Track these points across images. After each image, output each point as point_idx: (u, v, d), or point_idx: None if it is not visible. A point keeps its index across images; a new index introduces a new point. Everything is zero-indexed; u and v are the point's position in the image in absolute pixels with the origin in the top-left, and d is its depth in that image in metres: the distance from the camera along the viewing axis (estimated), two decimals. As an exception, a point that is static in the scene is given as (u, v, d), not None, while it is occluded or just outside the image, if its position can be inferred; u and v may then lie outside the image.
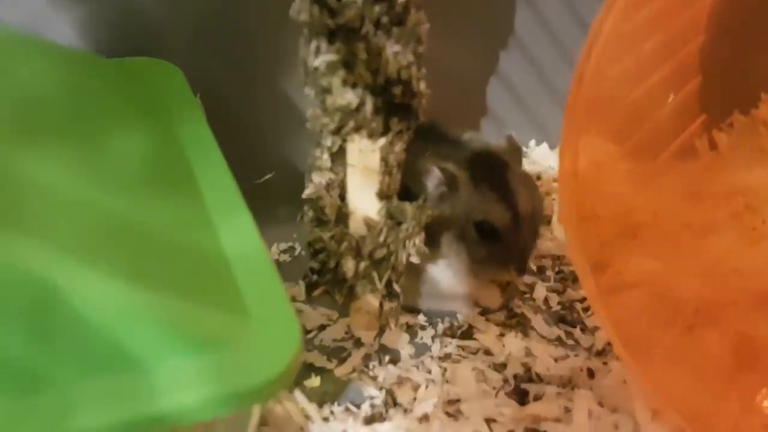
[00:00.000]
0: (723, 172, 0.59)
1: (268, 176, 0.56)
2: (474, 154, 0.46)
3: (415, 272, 0.46)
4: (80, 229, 0.25)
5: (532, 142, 0.67)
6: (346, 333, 0.47)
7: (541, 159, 0.66)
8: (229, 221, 0.31)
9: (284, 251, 0.56)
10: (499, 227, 0.44)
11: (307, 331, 0.47)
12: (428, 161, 0.44)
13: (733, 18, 0.47)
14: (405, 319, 0.49)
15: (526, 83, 0.63)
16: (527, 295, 0.53)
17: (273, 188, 0.57)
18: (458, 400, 0.42)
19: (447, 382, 0.43)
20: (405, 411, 0.41)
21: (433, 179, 0.43)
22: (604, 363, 0.46)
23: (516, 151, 0.50)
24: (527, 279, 0.54)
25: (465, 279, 0.47)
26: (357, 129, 0.33)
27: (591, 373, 0.45)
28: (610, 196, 0.56)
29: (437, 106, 0.54)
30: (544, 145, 0.67)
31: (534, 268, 0.55)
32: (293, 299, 0.49)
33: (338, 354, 0.46)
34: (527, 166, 0.58)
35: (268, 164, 0.56)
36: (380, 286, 0.39)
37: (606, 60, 0.31)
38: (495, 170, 0.46)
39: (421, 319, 0.50)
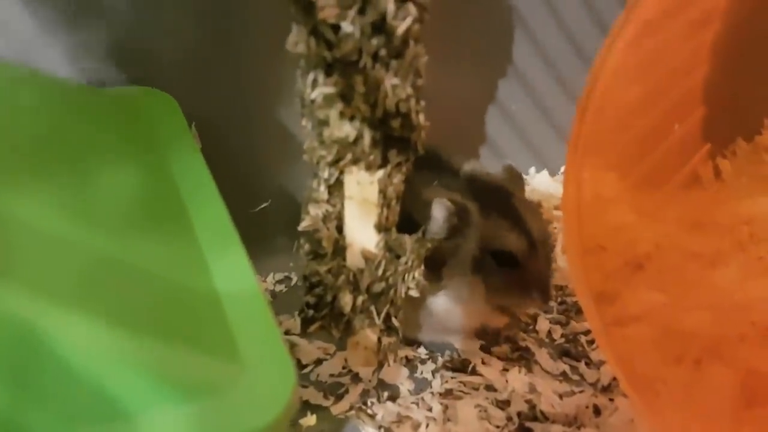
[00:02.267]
0: (727, 201, 0.59)
1: (264, 205, 0.55)
2: (480, 184, 0.46)
3: (415, 304, 0.45)
4: (66, 270, 0.24)
5: (532, 170, 0.66)
6: (344, 368, 0.46)
7: (541, 186, 0.65)
8: (222, 259, 0.30)
9: (280, 281, 0.55)
10: (517, 254, 0.44)
11: (302, 366, 0.46)
12: (435, 193, 0.43)
13: (736, 49, 0.47)
14: (405, 352, 0.48)
15: (525, 111, 0.62)
16: (530, 327, 0.51)
17: (269, 217, 0.56)
18: (460, 440, 0.41)
19: (448, 420, 0.42)
20: (405, 452, 0.40)
21: (443, 212, 0.43)
22: (611, 399, 0.44)
23: (518, 180, 0.50)
24: (530, 310, 0.53)
25: (472, 310, 0.46)
26: (355, 161, 0.33)
27: (597, 411, 0.43)
28: (613, 227, 0.55)
29: (437, 134, 0.54)
30: (544, 173, 0.66)
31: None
32: (288, 332, 0.48)
33: (335, 390, 0.44)
34: (528, 194, 0.58)
35: (264, 193, 0.55)
36: (379, 321, 0.38)
37: (609, 93, 0.30)
38: (503, 199, 0.45)
39: (422, 352, 0.48)
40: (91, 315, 0.23)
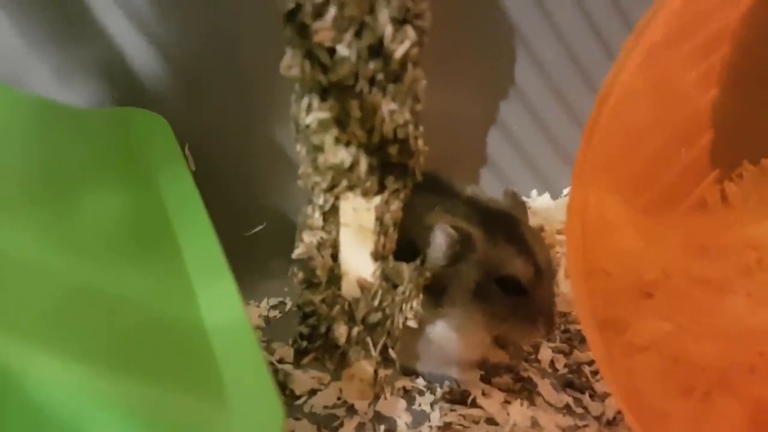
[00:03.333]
0: (734, 225, 0.58)
1: (259, 228, 0.54)
2: (483, 209, 0.45)
3: (414, 333, 0.44)
4: (45, 303, 0.23)
5: (534, 192, 0.65)
6: (339, 399, 0.44)
7: (543, 210, 0.64)
8: (210, 290, 0.28)
9: (274, 306, 0.53)
10: (523, 281, 0.42)
11: (296, 397, 0.45)
12: (437, 218, 0.42)
13: (744, 72, 0.46)
14: (402, 382, 0.46)
15: (527, 133, 0.61)
16: (532, 356, 0.50)
17: (264, 241, 0.54)
18: (458, 478, 0.39)
19: (447, 455, 0.40)
20: (401, 490, 0.38)
21: (446, 239, 0.41)
22: (616, 435, 0.42)
23: (521, 206, 0.48)
24: (533, 340, 0.51)
25: (475, 340, 0.45)
26: (350, 188, 0.31)
27: (602, 446, 0.42)
28: (620, 253, 0.54)
29: (438, 156, 0.53)
30: (546, 196, 0.65)
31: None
32: (282, 361, 0.47)
33: (330, 423, 0.43)
34: (529, 217, 0.57)
35: (259, 216, 0.54)
36: (375, 352, 0.36)
37: (617, 117, 0.29)
38: (509, 225, 0.44)
39: (420, 383, 0.47)
40: (69, 353, 0.22)
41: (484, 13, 0.55)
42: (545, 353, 0.50)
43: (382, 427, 0.42)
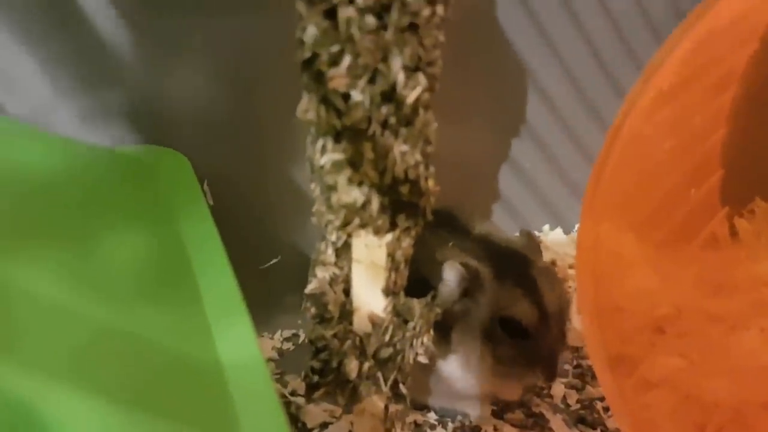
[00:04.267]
0: (746, 262, 0.57)
1: (274, 261, 0.55)
2: (497, 249, 0.45)
3: (426, 368, 0.44)
4: (66, 344, 0.24)
5: (546, 227, 0.66)
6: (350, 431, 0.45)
7: (555, 245, 0.64)
8: (226, 328, 0.29)
9: (288, 339, 0.54)
10: (525, 325, 0.43)
11: (308, 430, 0.45)
12: (450, 255, 0.43)
13: (754, 111, 0.46)
14: (414, 416, 0.46)
15: (539, 169, 0.62)
16: (545, 392, 0.50)
17: (279, 274, 0.55)
18: None
19: (458, 491, 0.40)
20: None
21: (455, 275, 0.42)
22: (628, 473, 0.42)
23: (536, 246, 0.49)
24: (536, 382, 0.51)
25: (481, 378, 0.45)
26: (363, 226, 0.32)
27: (613, 485, 0.41)
28: (633, 289, 0.54)
29: (451, 192, 0.54)
30: (558, 230, 0.65)
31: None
32: (294, 393, 0.47)
33: (341, 456, 0.43)
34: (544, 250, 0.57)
35: (274, 250, 0.55)
36: (385, 388, 0.37)
37: (624, 161, 0.30)
38: (520, 267, 0.45)
39: (432, 417, 0.47)
40: (87, 391, 0.23)
41: (495, 54, 0.57)
42: (558, 389, 0.50)
43: (393, 462, 0.43)
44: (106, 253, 0.31)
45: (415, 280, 0.38)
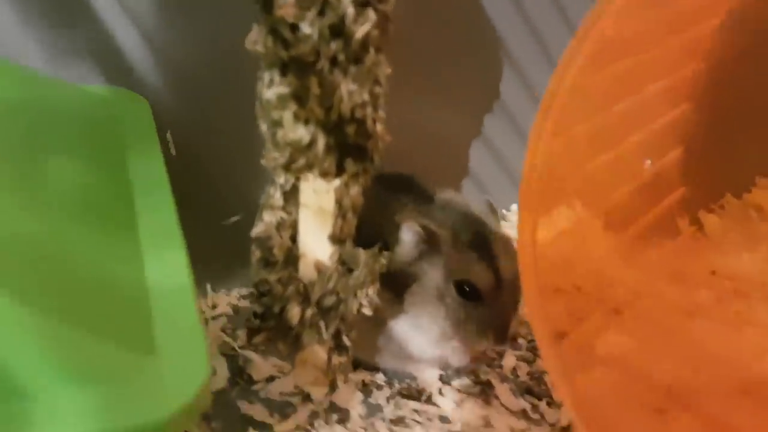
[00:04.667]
0: (710, 255, 0.58)
1: (236, 218, 0.54)
2: (456, 215, 0.46)
3: (376, 329, 0.44)
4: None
5: (514, 206, 0.66)
6: (296, 388, 0.45)
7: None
8: (159, 256, 0.29)
9: (244, 297, 0.54)
10: (480, 288, 0.43)
11: (253, 382, 0.45)
12: (408, 217, 0.43)
13: (724, 94, 0.46)
14: (362, 376, 0.46)
15: (510, 147, 0.62)
16: (496, 362, 0.50)
17: (240, 231, 0.55)
18: (403, 469, 0.39)
19: (394, 447, 0.40)
20: (344, 476, 0.38)
21: (412, 236, 0.42)
22: (566, 440, 0.42)
23: (495, 215, 0.49)
24: (486, 349, 0.51)
25: (433, 340, 0.45)
26: (309, 167, 0.32)
27: (551, 451, 0.42)
28: (593, 270, 0.54)
29: (421, 165, 0.54)
30: (527, 210, 0.65)
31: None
32: (244, 347, 0.47)
33: (283, 409, 0.43)
34: (508, 230, 0.57)
35: (237, 207, 0.54)
36: (327, 335, 0.36)
37: (568, 118, 0.29)
38: (478, 232, 0.45)
39: (380, 378, 0.47)
40: (10, 299, 0.22)
41: (471, 28, 0.57)
42: (509, 360, 0.50)
43: (335, 417, 0.43)
44: (51, 175, 0.31)
45: (373, 242, 0.39)
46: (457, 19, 0.56)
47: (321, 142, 0.31)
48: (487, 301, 0.43)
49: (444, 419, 0.43)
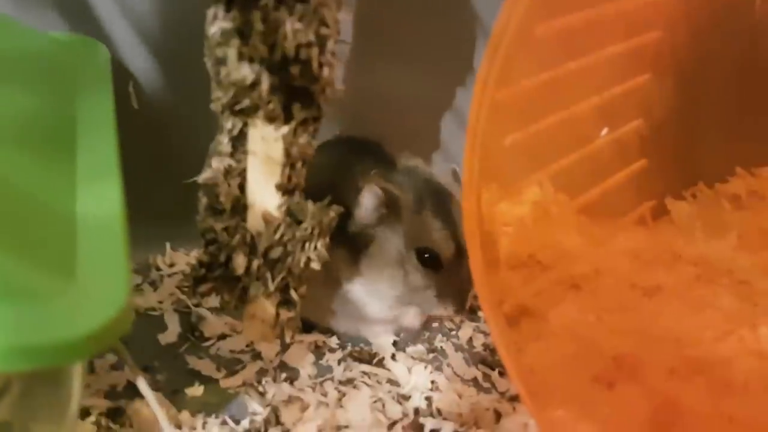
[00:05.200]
0: (677, 240, 0.58)
1: (198, 177, 0.54)
2: (420, 181, 0.45)
3: (333, 290, 0.44)
4: None
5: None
6: (247, 346, 0.44)
7: (491, 199, 0.64)
8: (93, 188, 0.29)
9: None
10: (441, 256, 0.43)
11: (204, 339, 0.45)
12: (370, 180, 0.42)
13: (684, 74, 0.45)
14: (314, 337, 0.46)
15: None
16: (453, 333, 0.50)
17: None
18: (347, 427, 0.39)
19: (341, 407, 0.40)
20: (286, 431, 0.38)
21: (373, 199, 0.42)
22: (514, 408, 0.42)
23: (459, 184, 0.49)
24: (444, 316, 0.51)
25: (389, 306, 0.45)
26: (254, 108, 0.32)
27: (498, 415, 0.41)
28: (555, 246, 0.54)
29: (393, 133, 0.53)
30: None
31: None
32: (198, 305, 0.47)
33: (232, 366, 0.42)
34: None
35: (200, 166, 0.54)
36: (272, 287, 0.36)
37: (515, 69, 0.29)
38: (441, 200, 0.44)
39: (334, 341, 0.47)
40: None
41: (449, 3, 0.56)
42: (465, 331, 0.50)
43: (284, 375, 0.42)
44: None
45: (336, 205, 0.38)
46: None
47: (265, 82, 0.30)
48: (447, 268, 0.43)
49: (393, 382, 0.43)
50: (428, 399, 0.42)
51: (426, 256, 0.43)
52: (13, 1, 0.43)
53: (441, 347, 0.48)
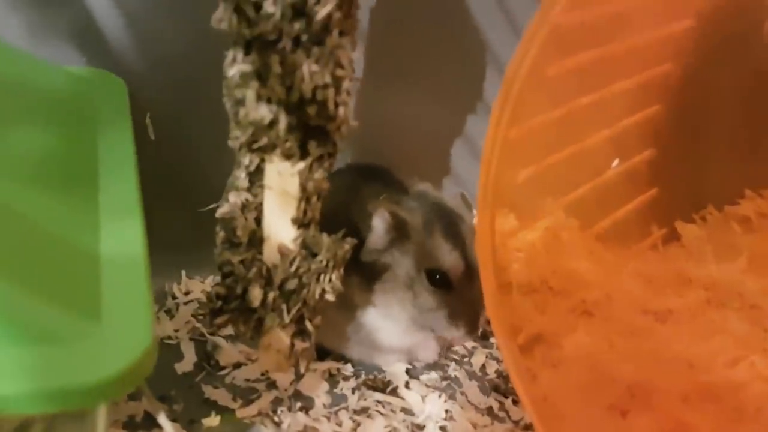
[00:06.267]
0: (687, 263, 0.58)
1: (214, 206, 0.55)
2: (429, 204, 0.46)
3: (348, 317, 0.45)
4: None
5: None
6: (262, 375, 0.45)
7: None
8: (115, 226, 0.29)
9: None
10: (451, 277, 0.43)
11: (220, 368, 0.45)
12: (380, 205, 0.43)
13: (693, 103, 0.46)
14: (328, 365, 0.47)
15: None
16: (465, 359, 0.50)
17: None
18: (361, 458, 0.39)
19: (355, 436, 0.40)
20: (301, 462, 0.38)
21: (383, 223, 0.42)
22: (527, 437, 0.42)
23: (468, 208, 0.50)
24: (468, 343, 0.51)
25: (403, 331, 0.45)
26: (271, 147, 0.32)
27: (512, 445, 0.42)
28: (567, 272, 0.54)
29: (404, 160, 0.54)
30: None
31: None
32: (213, 333, 0.47)
33: (247, 395, 0.43)
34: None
35: (215, 194, 0.55)
36: (287, 319, 0.37)
37: (527, 107, 0.29)
38: (450, 222, 0.45)
39: (348, 368, 0.47)
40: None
41: (459, 31, 0.57)
42: (478, 358, 0.50)
43: (299, 404, 0.43)
44: (13, 144, 0.31)
45: (347, 231, 0.39)
46: (442, 17, 0.57)
47: (282, 122, 0.31)
48: (458, 290, 0.43)
49: (407, 411, 0.43)
50: (442, 429, 0.42)
51: (436, 276, 0.43)
52: (28, 34, 0.45)
53: (455, 375, 0.48)
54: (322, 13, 0.29)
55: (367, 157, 0.55)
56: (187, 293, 0.52)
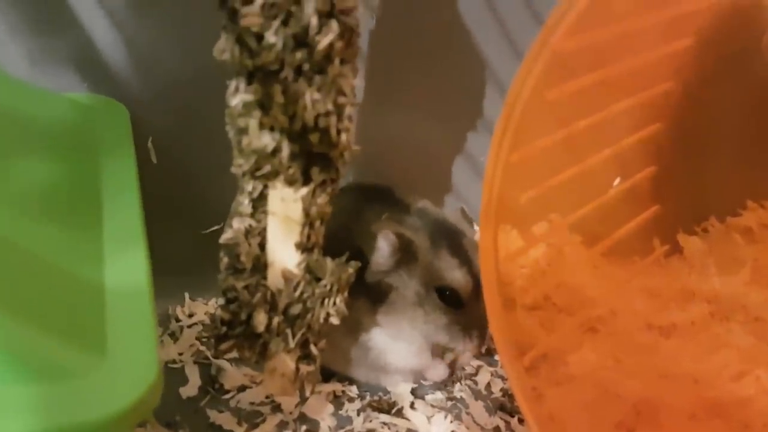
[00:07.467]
0: (690, 277, 0.58)
1: (215, 228, 0.55)
2: (432, 222, 0.46)
3: (355, 339, 0.45)
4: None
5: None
6: (267, 398, 0.45)
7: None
8: (119, 257, 0.29)
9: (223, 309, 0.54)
10: (461, 294, 0.43)
11: (225, 391, 0.45)
12: (384, 225, 0.43)
13: (693, 120, 0.46)
14: (333, 387, 0.46)
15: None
16: (471, 378, 0.50)
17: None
18: (368, 481, 0.39)
19: (361, 460, 0.40)
20: (308, 487, 0.38)
21: (388, 244, 0.42)
22: (535, 457, 0.42)
23: (469, 223, 0.50)
24: (474, 362, 0.51)
25: (414, 351, 0.45)
26: (274, 174, 0.32)
27: (518, 467, 0.41)
28: (571, 288, 0.54)
29: (405, 178, 0.54)
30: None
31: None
32: (218, 357, 0.47)
33: (252, 419, 0.43)
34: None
35: (217, 216, 0.55)
36: (292, 344, 0.37)
37: (529, 131, 0.30)
38: (454, 238, 0.45)
39: (353, 390, 0.47)
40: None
41: (457, 48, 0.57)
42: (483, 377, 0.50)
43: (304, 427, 0.43)
44: (16, 175, 0.31)
45: (350, 252, 0.39)
46: (440, 34, 0.57)
47: (285, 150, 0.31)
48: (467, 306, 0.44)
49: (413, 433, 0.43)
50: (449, 450, 0.42)
51: (447, 293, 0.43)
52: (29, 62, 0.45)
53: (460, 396, 0.48)
54: (323, 42, 0.29)
55: (368, 176, 0.55)
56: (190, 315, 0.52)
